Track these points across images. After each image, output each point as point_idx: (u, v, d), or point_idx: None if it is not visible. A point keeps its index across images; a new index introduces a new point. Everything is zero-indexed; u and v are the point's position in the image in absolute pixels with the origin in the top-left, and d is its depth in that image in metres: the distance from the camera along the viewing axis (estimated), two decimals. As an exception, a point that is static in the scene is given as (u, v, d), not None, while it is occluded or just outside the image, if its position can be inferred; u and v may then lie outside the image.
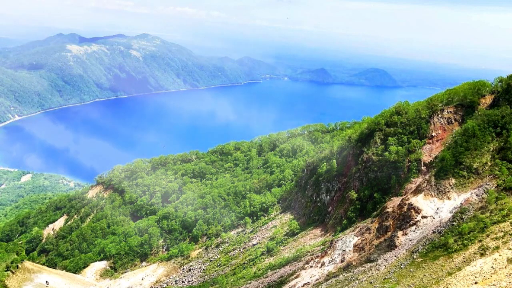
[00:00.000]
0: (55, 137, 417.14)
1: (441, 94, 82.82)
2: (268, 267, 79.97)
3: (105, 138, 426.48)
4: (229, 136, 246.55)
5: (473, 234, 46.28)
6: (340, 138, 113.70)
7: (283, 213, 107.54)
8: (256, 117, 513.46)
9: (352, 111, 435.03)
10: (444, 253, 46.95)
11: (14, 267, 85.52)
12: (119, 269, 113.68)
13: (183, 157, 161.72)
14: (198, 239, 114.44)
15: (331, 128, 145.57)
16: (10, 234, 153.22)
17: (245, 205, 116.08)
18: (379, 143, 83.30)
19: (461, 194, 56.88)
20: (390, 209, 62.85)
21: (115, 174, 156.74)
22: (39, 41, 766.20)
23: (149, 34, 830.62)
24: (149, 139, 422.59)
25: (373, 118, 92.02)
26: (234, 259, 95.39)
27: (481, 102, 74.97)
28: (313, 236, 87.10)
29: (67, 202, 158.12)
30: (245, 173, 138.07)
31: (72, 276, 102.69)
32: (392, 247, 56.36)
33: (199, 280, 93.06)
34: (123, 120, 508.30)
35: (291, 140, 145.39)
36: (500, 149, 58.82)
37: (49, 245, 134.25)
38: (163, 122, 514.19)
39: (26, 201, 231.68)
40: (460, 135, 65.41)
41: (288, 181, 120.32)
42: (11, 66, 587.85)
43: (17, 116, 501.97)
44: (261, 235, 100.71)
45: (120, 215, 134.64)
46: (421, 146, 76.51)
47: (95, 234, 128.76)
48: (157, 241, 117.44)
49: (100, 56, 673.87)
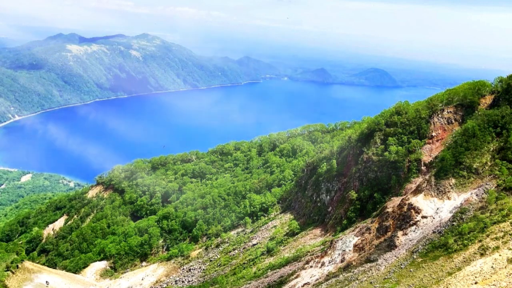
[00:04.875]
0: (55, 137, 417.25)
1: (441, 94, 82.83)
2: (268, 267, 79.96)
3: (105, 138, 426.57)
4: (229, 136, 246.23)
5: (473, 234, 46.26)
6: (340, 138, 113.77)
7: (283, 213, 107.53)
8: (256, 117, 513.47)
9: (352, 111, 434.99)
10: (444, 253, 46.93)
11: (14, 267, 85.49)
12: (119, 269, 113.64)
13: (183, 157, 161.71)
14: (198, 239, 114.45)
15: (331, 128, 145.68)
16: (10, 234, 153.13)
17: (245, 205, 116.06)
18: (379, 143, 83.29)
19: (461, 194, 56.87)
20: (390, 209, 62.84)
21: (115, 174, 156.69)
22: (39, 41, 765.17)
23: (149, 34, 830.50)
24: (149, 139, 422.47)
25: (373, 118, 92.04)
26: (234, 259, 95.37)
27: (481, 102, 75.00)
28: (313, 236, 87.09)
29: (67, 202, 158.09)
30: (245, 173, 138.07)
31: (72, 276, 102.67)
32: (392, 247, 56.34)
33: (199, 280, 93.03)
34: (123, 120, 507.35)
35: (291, 140, 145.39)
36: (500, 149, 58.80)
37: (49, 245, 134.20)
38: (163, 122, 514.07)
39: (26, 201, 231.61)
40: (460, 135, 65.39)
41: (288, 181, 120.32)
42: (11, 66, 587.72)
43: (17, 116, 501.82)
44: (261, 235, 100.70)
45: (120, 215, 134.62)
46: (421, 146, 76.50)
47: (95, 234, 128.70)
48: (157, 241, 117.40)
49: (100, 56, 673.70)
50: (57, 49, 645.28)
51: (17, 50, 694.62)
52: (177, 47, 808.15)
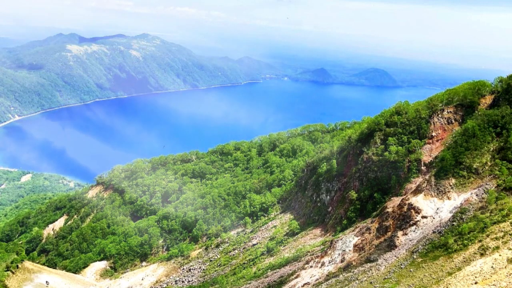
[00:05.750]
0: (55, 137, 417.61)
1: (441, 94, 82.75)
2: (268, 267, 79.95)
3: (105, 138, 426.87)
4: (229, 136, 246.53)
5: (473, 234, 46.25)
6: (340, 138, 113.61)
7: (283, 213, 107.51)
8: (256, 117, 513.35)
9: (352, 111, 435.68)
10: (444, 253, 46.92)
11: (14, 267, 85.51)
12: (119, 269, 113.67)
13: (183, 157, 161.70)
14: (198, 239, 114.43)
15: (331, 128, 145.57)
16: (10, 234, 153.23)
17: (245, 205, 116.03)
18: (379, 143, 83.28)
19: (461, 194, 56.86)
20: (390, 209, 62.84)
21: (115, 174, 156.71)
22: (39, 41, 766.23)
23: (149, 34, 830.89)
24: (149, 139, 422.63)
25: (373, 118, 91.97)
26: (234, 259, 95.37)
27: (481, 102, 74.94)
28: (313, 236, 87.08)
29: (67, 202, 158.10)
30: (245, 173, 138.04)
31: (72, 276, 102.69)
32: (392, 247, 56.34)
33: (199, 280, 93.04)
34: (123, 120, 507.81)
35: (291, 140, 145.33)
36: (500, 149, 58.78)
37: (49, 245, 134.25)
38: (163, 122, 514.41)
39: (26, 201, 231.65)
40: (460, 135, 65.35)
41: (288, 181, 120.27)
42: (11, 66, 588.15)
43: (17, 116, 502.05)
44: (261, 235, 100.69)
45: (120, 215, 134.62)
46: (421, 146, 76.49)
47: (95, 234, 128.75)
48: (157, 241, 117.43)
49: (100, 56, 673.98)
50: (57, 49, 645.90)
51: (17, 50, 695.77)
52: (177, 47, 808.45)
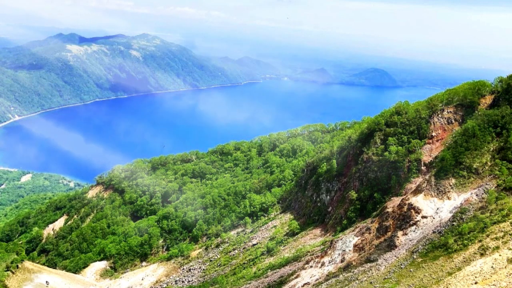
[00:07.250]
0: (55, 137, 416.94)
1: (441, 94, 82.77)
2: (268, 267, 79.94)
3: (105, 138, 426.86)
4: (229, 136, 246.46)
5: (473, 234, 46.24)
6: (340, 138, 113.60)
7: (283, 213, 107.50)
8: (256, 117, 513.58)
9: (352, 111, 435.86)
10: (444, 253, 46.91)
11: (14, 267, 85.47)
12: (119, 269, 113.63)
13: (183, 157, 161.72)
14: (198, 239, 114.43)
15: (331, 128, 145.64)
16: (10, 234, 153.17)
17: (245, 205, 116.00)
18: (379, 143, 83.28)
19: (461, 194, 56.86)
20: (390, 209, 62.84)
21: (115, 174, 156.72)
22: (39, 41, 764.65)
23: (149, 34, 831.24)
24: (149, 139, 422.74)
25: (373, 118, 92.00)
26: (234, 259, 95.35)
27: (481, 102, 74.95)
28: (313, 236, 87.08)
29: (67, 202, 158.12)
30: (245, 173, 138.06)
31: (72, 276, 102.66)
32: (392, 247, 56.34)
33: (199, 280, 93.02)
34: (123, 120, 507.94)
35: (291, 140, 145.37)
36: (500, 149, 58.77)
37: (49, 245, 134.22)
38: (163, 122, 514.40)
39: (26, 201, 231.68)
40: (460, 135, 65.33)
41: (288, 181, 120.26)
42: (11, 66, 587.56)
43: (17, 116, 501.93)
44: (261, 235, 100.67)
45: (120, 215, 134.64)
46: (421, 146, 76.49)
47: (95, 234, 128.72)
48: (157, 241, 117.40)
49: (100, 56, 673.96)
50: (57, 49, 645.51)
51: (17, 50, 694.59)
52: (177, 47, 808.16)
